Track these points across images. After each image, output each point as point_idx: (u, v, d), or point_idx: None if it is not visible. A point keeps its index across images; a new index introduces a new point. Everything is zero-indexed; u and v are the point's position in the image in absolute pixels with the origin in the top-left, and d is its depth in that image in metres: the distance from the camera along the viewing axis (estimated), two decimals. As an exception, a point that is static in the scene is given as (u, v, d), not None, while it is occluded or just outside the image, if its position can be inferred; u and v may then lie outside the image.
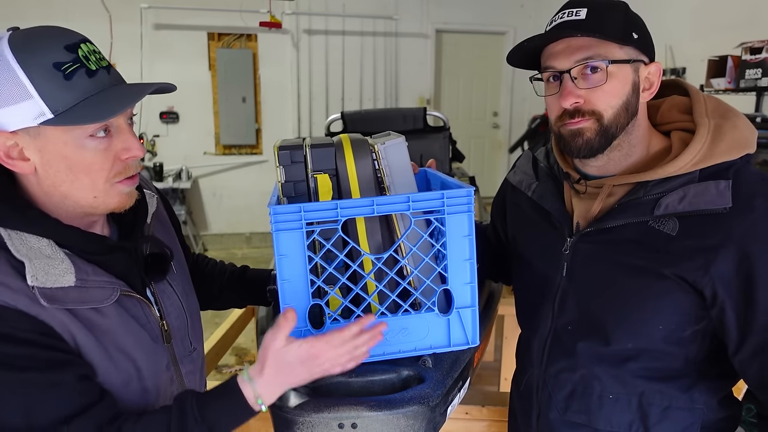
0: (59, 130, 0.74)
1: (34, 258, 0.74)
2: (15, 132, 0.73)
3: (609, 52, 0.87)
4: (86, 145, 0.76)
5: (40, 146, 0.75)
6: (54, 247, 0.77)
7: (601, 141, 0.91)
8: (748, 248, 0.82)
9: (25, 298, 0.73)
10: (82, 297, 0.78)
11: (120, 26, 5.34)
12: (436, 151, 2.71)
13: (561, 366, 1.02)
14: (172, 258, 0.95)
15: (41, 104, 0.72)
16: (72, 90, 0.73)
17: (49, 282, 0.74)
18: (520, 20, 6.36)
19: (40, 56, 0.71)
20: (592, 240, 0.95)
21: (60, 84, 0.72)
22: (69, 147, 0.75)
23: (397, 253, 0.94)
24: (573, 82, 0.88)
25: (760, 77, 3.12)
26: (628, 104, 0.90)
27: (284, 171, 0.95)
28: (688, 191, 0.87)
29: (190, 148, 5.97)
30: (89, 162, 0.77)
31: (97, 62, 0.76)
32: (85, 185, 0.78)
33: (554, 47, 0.90)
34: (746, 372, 0.89)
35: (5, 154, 0.75)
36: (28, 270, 0.73)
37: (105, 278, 0.81)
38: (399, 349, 0.95)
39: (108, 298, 0.81)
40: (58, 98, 0.72)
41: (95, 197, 0.80)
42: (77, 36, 0.76)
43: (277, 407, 0.88)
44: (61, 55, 0.73)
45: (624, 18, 0.88)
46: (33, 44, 0.72)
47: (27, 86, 0.71)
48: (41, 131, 0.74)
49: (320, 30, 6.04)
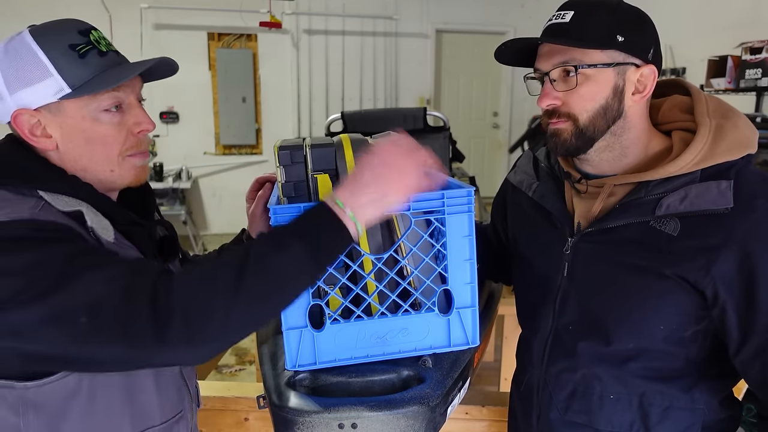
0: (77, 104, 0.82)
1: (85, 210, 0.80)
2: (38, 110, 0.81)
3: (586, 57, 0.87)
4: (101, 119, 0.83)
5: (60, 122, 0.82)
6: (92, 209, 0.83)
7: (578, 143, 0.91)
8: (749, 248, 0.82)
9: (85, 232, 0.79)
10: (120, 253, 0.83)
11: (120, 26, 5.35)
12: (436, 151, 2.67)
13: (562, 366, 1.02)
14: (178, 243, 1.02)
15: (60, 81, 0.79)
16: (87, 66, 0.81)
17: (99, 231, 0.80)
18: (520, 20, 6.36)
19: (56, 39, 0.80)
20: (593, 240, 0.95)
21: (76, 62, 0.80)
22: (86, 121, 0.83)
23: (398, 253, 0.94)
24: (552, 84, 0.90)
25: (760, 77, 3.12)
26: (606, 108, 0.89)
27: (284, 171, 0.95)
28: (689, 191, 0.87)
29: (190, 148, 5.97)
30: (104, 134, 0.84)
31: (107, 46, 0.85)
32: (102, 158, 0.85)
33: (541, 49, 0.93)
34: (747, 372, 0.89)
35: (30, 131, 0.82)
36: (86, 213, 0.79)
37: (131, 245, 0.87)
38: (399, 349, 0.95)
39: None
40: (75, 74, 0.80)
41: (112, 171, 0.86)
42: (88, 24, 0.86)
43: (277, 407, 0.88)
44: (76, 37, 0.82)
45: (610, 20, 0.87)
46: (50, 30, 0.82)
47: (48, 65, 0.79)
48: (61, 107, 0.82)
49: (320, 30, 6.05)
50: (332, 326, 0.92)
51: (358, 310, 0.93)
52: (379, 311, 0.93)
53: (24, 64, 0.79)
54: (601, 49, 0.87)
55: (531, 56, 0.96)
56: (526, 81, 0.99)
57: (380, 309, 0.93)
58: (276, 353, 1.03)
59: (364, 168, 0.80)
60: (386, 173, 0.79)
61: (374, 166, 0.80)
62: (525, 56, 0.97)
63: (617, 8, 0.89)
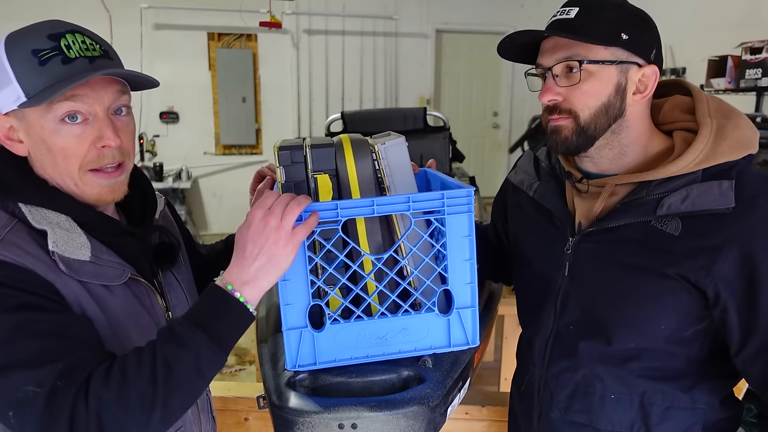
0: (37, 113, 0.79)
1: (55, 228, 0.79)
2: (8, 115, 0.80)
3: (590, 53, 0.87)
4: (60, 130, 0.80)
5: (26, 129, 0.81)
6: (72, 223, 0.81)
7: (579, 140, 0.91)
8: (750, 248, 0.82)
9: (43, 264, 0.76)
10: (95, 272, 0.82)
11: (120, 26, 5.35)
12: (436, 151, 2.71)
13: (563, 366, 1.02)
14: (179, 248, 0.99)
15: (17, 88, 0.77)
16: (44, 74, 0.77)
17: (68, 252, 0.78)
18: (520, 20, 6.36)
19: (22, 44, 0.77)
20: (594, 240, 0.95)
21: (35, 69, 0.77)
22: (45, 131, 0.80)
23: (398, 253, 0.94)
24: (554, 79, 0.90)
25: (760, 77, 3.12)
26: (608, 106, 0.89)
27: (284, 171, 0.95)
28: (690, 191, 0.87)
29: (190, 148, 5.97)
30: (62, 146, 0.80)
31: (79, 51, 0.79)
32: (64, 171, 0.82)
33: (545, 44, 0.92)
34: (749, 372, 0.89)
35: (5, 136, 0.82)
36: (50, 236, 0.77)
37: (116, 260, 0.85)
38: (399, 350, 0.95)
39: (119, 277, 0.85)
40: (31, 81, 0.77)
41: (75, 185, 0.83)
42: (68, 26, 0.81)
43: (277, 407, 0.88)
44: (41, 42, 0.78)
45: (615, 18, 0.87)
46: (22, 35, 0.79)
47: (9, 72, 0.77)
48: (24, 114, 0.79)
49: (320, 30, 6.05)
50: (332, 326, 0.92)
51: (358, 311, 0.93)
52: (379, 311, 0.93)
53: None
54: (606, 46, 0.87)
55: (533, 53, 0.96)
56: (527, 77, 0.99)
57: (380, 309, 0.93)
58: (276, 353, 1.03)
59: (245, 241, 0.80)
60: (264, 238, 0.79)
61: (252, 236, 0.79)
62: (527, 52, 0.96)
63: (622, 7, 0.89)
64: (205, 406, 1.04)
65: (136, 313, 0.87)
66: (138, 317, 0.87)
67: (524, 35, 0.91)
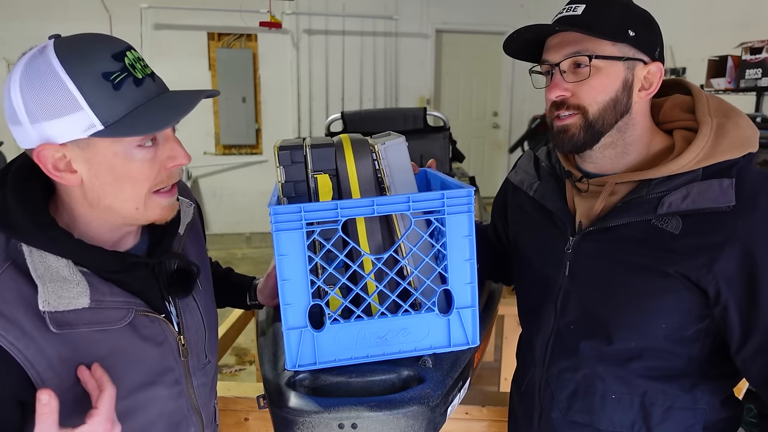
0: (108, 140, 0.73)
1: (49, 281, 0.73)
2: (64, 144, 0.72)
3: (598, 48, 0.87)
4: (134, 155, 0.75)
5: (89, 157, 0.74)
6: (72, 268, 0.76)
7: (587, 137, 0.91)
8: (751, 246, 0.82)
9: (18, 326, 0.71)
10: (95, 318, 0.77)
11: (120, 26, 5.34)
12: (436, 151, 2.71)
13: (563, 366, 1.02)
14: (198, 274, 0.93)
15: (92, 116, 0.71)
16: (121, 100, 0.72)
17: (63, 305, 0.73)
18: (520, 20, 6.33)
19: (88, 66, 0.70)
20: (595, 239, 0.95)
21: (109, 94, 0.71)
22: (118, 158, 0.75)
23: (398, 253, 0.94)
24: (562, 75, 0.90)
25: (760, 77, 3.12)
26: (616, 101, 0.90)
27: (284, 171, 0.95)
28: (691, 189, 0.87)
29: (190, 148, 5.78)
30: (136, 172, 0.76)
31: (142, 70, 0.75)
32: (129, 197, 0.77)
33: (551, 41, 0.92)
34: (749, 370, 0.89)
35: (53, 166, 0.74)
36: (40, 295, 0.72)
37: (121, 298, 0.80)
38: (399, 349, 0.95)
39: (121, 319, 0.80)
40: (108, 109, 0.71)
41: (137, 209, 0.79)
42: (122, 44, 0.75)
43: (277, 407, 0.88)
44: (110, 64, 0.72)
45: (622, 15, 0.88)
46: (80, 54, 0.71)
47: (77, 98, 0.70)
48: (91, 142, 0.73)
49: (320, 30, 6.04)
50: (332, 326, 0.92)
51: (358, 310, 0.93)
52: (379, 311, 0.93)
53: (49, 93, 0.69)
54: (613, 42, 0.87)
55: (535, 51, 0.96)
56: (531, 75, 0.99)
57: (380, 309, 0.93)
58: (276, 353, 1.03)
59: None
60: None
61: None
62: (529, 50, 0.97)
63: (628, 5, 0.90)
64: (209, 419, 1.02)
65: (136, 350, 0.82)
66: (138, 353, 0.82)
67: (533, 30, 0.91)
